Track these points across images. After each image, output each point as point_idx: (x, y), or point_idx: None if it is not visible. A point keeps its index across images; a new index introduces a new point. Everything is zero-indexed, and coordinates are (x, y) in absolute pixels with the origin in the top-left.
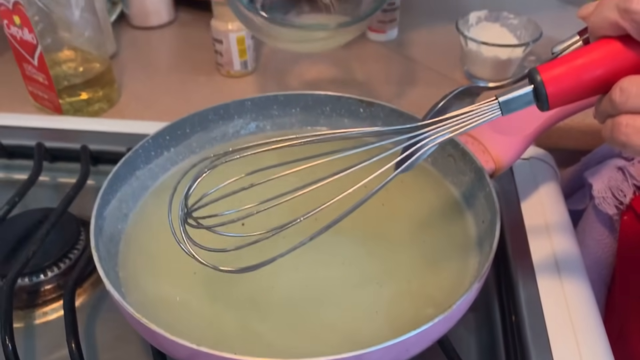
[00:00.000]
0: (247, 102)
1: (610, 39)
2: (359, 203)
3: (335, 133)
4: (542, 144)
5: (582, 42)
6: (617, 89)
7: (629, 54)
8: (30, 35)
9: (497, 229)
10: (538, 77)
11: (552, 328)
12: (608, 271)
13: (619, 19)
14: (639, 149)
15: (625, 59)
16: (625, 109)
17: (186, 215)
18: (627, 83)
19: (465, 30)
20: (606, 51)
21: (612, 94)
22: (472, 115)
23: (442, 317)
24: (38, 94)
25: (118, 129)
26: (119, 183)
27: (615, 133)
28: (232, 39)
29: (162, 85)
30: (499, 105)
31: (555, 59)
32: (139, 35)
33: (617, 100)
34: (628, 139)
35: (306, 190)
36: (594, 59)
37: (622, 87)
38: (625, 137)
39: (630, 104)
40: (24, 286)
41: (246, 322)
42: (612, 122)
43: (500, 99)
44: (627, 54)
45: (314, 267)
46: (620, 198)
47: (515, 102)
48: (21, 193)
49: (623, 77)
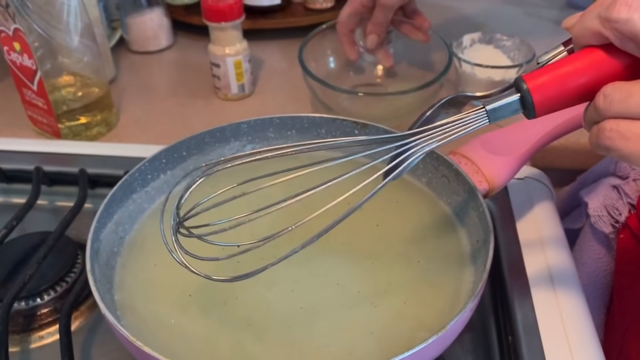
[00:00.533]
0: (243, 125)
1: (593, 48)
2: (350, 211)
3: (326, 142)
4: (537, 163)
5: (567, 52)
6: (601, 95)
7: (612, 62)
8: (30, 61)
9: (491, 249)
10: (524, 85)
11: (549, 348)
12: (606, 290)
13: (601, 28)
14: (623, 153)
15: (609, 67)
16: (609, 114)
17: (178, 224)
18: (610, 89)
19: (459, 52)
20: (590, 59)
21: (596, 100)
22: (461, 123)
23: (436, 338)
24: (37, 118)
25: (116, 153)
26: (116, 206)
27: (600, 138)
28: (229, 62)
29: (160, 109)
30: (487, 113)
31: (540, 68)
32: (138, 60)
33: (601, 106)
34: (612, 143)
35: (297, 198)
36: (578, 67)
37: (606, 94)
38: (609, 142)
39: (614, 109)
40: (20, 310)
41: (241, 343)
42: (597, 127)
43: (487, 107)
44: (610, 62)
45: (308, 288)
46: (616, 216)
47: (502, 110)
48: (19, 217)
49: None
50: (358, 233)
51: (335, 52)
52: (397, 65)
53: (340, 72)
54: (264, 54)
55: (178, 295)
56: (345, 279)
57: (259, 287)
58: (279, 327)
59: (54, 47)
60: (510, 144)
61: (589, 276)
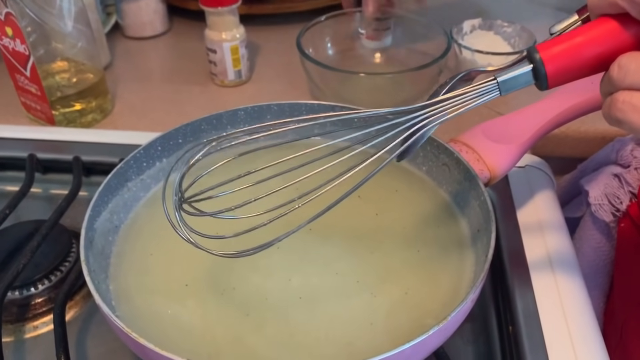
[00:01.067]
0: (240, 112)
1: (609, 17)
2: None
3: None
4: (537, 151)
5: (582, 21)
6: (616, 65)
7: (627, 32)
8: (23, 47)
9: (493, 238)
10: (537, 55)
11: (550, 338)
12: (606, 278)
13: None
14: (635, 126)
15: (624, 37)
16: (623, 85)
17: (180, 200)
18: (625, 60)
19: (459, 39)
20: (605, 29)
21: (610, 70)
22: (471, 95)
23: (438, 329)
24: (31, 105)
25: (111, 140)
26: (110, 194)
27: (612, 110)
28: (225, 48)
29: (156, 95)
30: (498, 85)
31: (554, 38)
32: (133, 46)
33: (615, 77)
34: (624, 116)
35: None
36: (593, 37)
37: (621, 64)
38: (621, 114)
39: (629, 80)
40: (14, 299)
41: (239, 334)
42: (610, 99)
43: (499, 79)
44: (625, 32)
45: (307, 278)
46: (617, 205)
47: (514, 81)
48: (12, 205)
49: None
50: (357, 222)
51: (333, 40)
52: (396, 53)
53: (338, 60)
54: (261, 40)
55: (175, 285)
56: (344, 268)
57: (256, 278)
58: (277, 317)
59: (47, 32)
60: (512, 131)
61: (589, 265)
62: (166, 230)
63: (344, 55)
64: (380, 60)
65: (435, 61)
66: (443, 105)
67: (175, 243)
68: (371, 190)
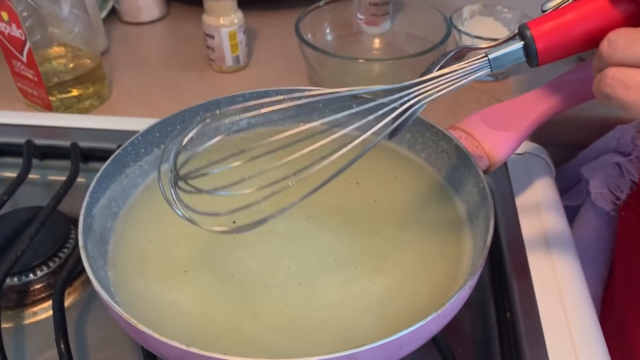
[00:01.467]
0: (239, 98)
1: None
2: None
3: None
4: (536, 139)
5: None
6: (605, 41)
7: (617, 9)
8: (19, 31)
9: (491, 226)
10: (528, 32)
11: (547, 324)
12: (605, 266)
13: None
14: (624, 102)
15: (614, 14)
16: (612, 61)
17: (176, 177)
18: (614, 35)
19: (459, 24)
20: (595, 6)
21: (600, 46)
22: (462, 72)
23: (435, 315)
24: (28, 90)
25: (109, 126)
26: (108, 181)
27: (601, 86)
28: (223, 33)
29: (153, 81)
30: (489, 61)
31: (545, 15)
32: (130, 31)
33: (605, 53)
34: (613, 91)
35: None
36: (584, 13)
37: (610, 40)
38: (610, 90)
39: (617, 56)
40: (12, 286)
41: (237, 320)
42: (600, 75)
43: (490, 55)
44: (615, 9)
45: (305, 264)
46: (617, 194)
47: (505, 58)
48: (10, 191)
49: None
50: (356, 209)
51: (332, 25)
52: (395, 38)
53: (337, 45)
54: (259, 25)
55: (173, 271)
56: (343, 255)
57: (255, 264)
58: (275, 304)
59: (43, 17)
60: (511, 118)
61: (589, 253)
62: (165, 217)
63: (342, 41)
64: (379, 46)
65: (434, 47)
66: (434, 83)
67: (174, 229)
68: (370, 177)
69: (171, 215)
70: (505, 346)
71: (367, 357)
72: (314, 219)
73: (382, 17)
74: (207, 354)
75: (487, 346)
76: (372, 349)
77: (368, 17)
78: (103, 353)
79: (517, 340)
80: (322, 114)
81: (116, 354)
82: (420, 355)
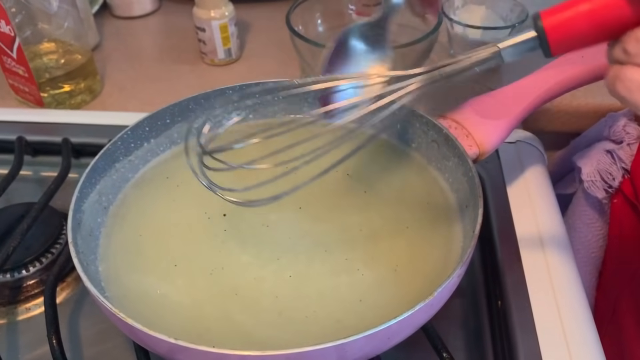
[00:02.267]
0: (228, 91)
1: None
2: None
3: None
4: (529, 126)
5: None
6: (633, 38)
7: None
8: (8, 27)
9: (480, 214)
10: (541, 23)
11: (538, 312)
12: (598, 254)
13: None
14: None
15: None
16: (637, 60)
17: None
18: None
19: (451, 13)
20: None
21: (627, 42)
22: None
23: (423, 305)
24: (19, 87)
25: (100, 121)
26: (98, 176)
27: (617, 85)
28: (214, 26)
29: (145, 75)
30: (500, 52)
31: (559, 4)
32: (122, 25)
33: (632, 50)
34: (630, 95)
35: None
36: (601, 4)
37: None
38: (626, 92)
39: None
40: (5, 282)
41: (228, 313)
42: (618, 72)
43: (500, 45)
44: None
45: (296, 256)
46: (609, 182)
47: (517, 48)
48: (2, 188)
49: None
50: (346, 200)
51: (324, 16)
52: None
53: (329, 37)
54: (250, 18)
55: (164, 265)
56: (333, 246)
57: (245, 257)
58: (266, 296)
59: (32, 13)
60: (502, 107)
61: (581, 241)
62: (155, 211)
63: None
64: None
65: (425, 37)
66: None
67: (165, 223)
68: (360, 168)
69: (162, 209)
70: (496, 334)
71: (355, 347)
72: (305, 210)
73: (373, 7)
74: (196, 347)
75: (478, 334)
76: (360, 339)
77: (360, 8)
78: (96, 348)
79: (508, 328)
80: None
81: (109, 348)
82: (411, 344)
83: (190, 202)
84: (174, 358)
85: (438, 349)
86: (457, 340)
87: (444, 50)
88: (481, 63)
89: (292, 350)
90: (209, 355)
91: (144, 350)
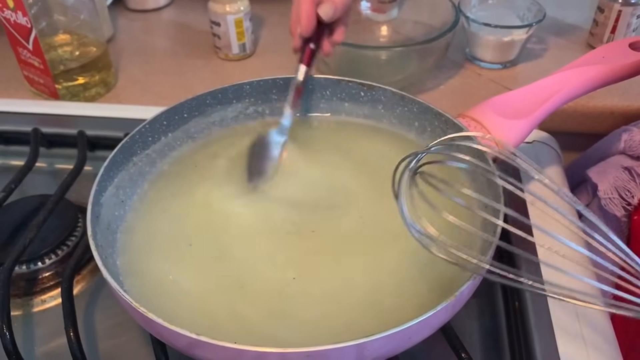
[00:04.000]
0: (246, 86)
1: None
2: None
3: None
4: (545, 127)
5: None
6: None
7: None
8: (25, 19)
9: (501, 215)
10: None
11: (556, 315)
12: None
13: None
14: None
15: None
16: None
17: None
18: None
19: (467, 12)
20: None
21: None
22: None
23: (445, 305)
24: (34, 78)
25: (115, 114)
26: (116, 169)
27: None
28: (230, 21)
29: (159, 69)
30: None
31: None
32: (136, 19)
33: None
34: None
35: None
36: None
37: None
38: None
39: None
40: (21, 274)
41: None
42: None
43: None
44: None
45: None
46: (628, 199)
47: None
48: (18, 179)
49: None
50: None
51: None
52: (403, 26)
53: None
54: (265, 13)
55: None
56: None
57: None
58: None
59: (48, 5)
60: (521, 106)
61: None
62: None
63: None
64: (386, 33)
65: (442, 35)
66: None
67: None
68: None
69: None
70: (513, 335)
71: (375, 346)
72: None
73: (389, 4)
74: (217, 342)
75: (496, 335)
76: (381, 339)
77: (375, 5)
78: (112, 340)
79: (525, 329)
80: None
81: (125, 341)
82: (429, 344)
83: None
84: (192, 352)
85: (456, 349)
86: (475, 340)
87: (461, 49)
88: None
89: (312, 348)
90: (229, 351)
91: (161, 344)
